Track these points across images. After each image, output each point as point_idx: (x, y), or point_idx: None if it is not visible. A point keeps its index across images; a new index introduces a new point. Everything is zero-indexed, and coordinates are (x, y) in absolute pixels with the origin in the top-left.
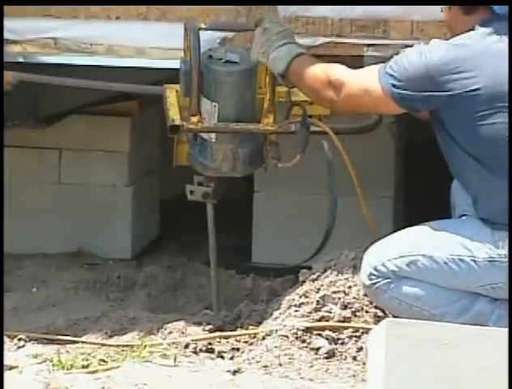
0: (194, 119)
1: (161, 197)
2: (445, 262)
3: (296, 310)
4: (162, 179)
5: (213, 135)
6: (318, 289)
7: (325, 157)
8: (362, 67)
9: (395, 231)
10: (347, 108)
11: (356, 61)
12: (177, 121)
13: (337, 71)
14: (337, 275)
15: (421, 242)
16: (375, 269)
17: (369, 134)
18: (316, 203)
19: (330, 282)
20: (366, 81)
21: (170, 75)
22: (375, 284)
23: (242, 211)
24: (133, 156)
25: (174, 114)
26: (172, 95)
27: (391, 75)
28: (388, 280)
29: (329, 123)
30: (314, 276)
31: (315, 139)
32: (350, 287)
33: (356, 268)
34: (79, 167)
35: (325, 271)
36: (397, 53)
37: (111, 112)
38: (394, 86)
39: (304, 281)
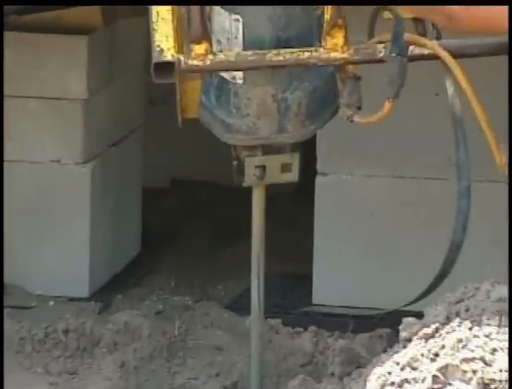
0: (199, 48)
1: (145, 185)
2: None
3: None
4: (147, 152)
5: (239, 73)
6: (436, 355)
7: (448, 109)
8: None
9: None
10: (476, 26)
11: None
12: (169, 55)
13: None
14: (470, 330)
15: None
16: None
17: None
18: (427, 194)
19: (459, 341)
20: None
21: None
22: None
23: (295, 207)
24: (93, 109)
25: (163, 39)
26: None
27: None
28: None
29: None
30: (428, 331)
31: (427, 72)
32: (494, 351)
33: (505, 316)
34: None
35: (448, 320)
36: None
37: (54, 26)
38: None
39: (409, 339)
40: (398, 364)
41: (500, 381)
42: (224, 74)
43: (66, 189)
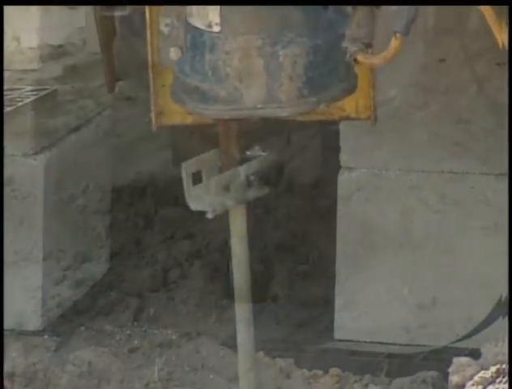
0: None
1: (115, 183)
2: None
3: None
4: (117, 140)
5: (215, 18)
6: None
7: None
8: None
9: None
10: None
11: None
12: None
13: None
14: None
15: None
16: None
17: None
18: (491, 196)
19: None
20: None
21: None
22: None
23: (308, 206)
24: (47, 82)
25: None
26: None
27: None
28: None
29: None
30: (487, 374)
31: (485, 31)
32: None
33: None
34: None
35: None
36: None
37: None
38: None
39: (462, 386)
40: None
41: None
42: (198, 23)
43: (12, 188)
